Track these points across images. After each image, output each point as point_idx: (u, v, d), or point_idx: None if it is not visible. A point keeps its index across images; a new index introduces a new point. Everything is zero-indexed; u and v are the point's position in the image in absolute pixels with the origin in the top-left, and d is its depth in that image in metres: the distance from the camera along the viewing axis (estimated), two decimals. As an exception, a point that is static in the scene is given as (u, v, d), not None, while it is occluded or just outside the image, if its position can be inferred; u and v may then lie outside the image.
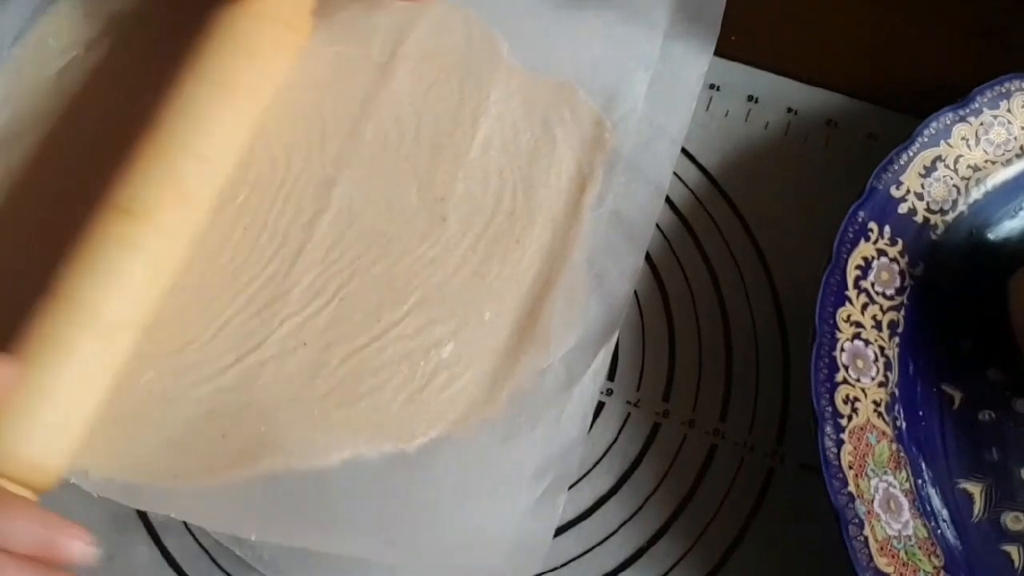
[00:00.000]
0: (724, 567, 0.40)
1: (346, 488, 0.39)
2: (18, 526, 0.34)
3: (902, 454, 0.39)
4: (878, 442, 0.39)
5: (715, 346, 0.43)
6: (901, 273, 0.42)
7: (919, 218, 0.43)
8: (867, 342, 0.41)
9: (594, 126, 0.46)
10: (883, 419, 0.40)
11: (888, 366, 0.41)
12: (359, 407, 0.41)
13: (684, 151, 0.47)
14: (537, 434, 0.41)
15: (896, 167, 0.43)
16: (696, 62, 0.48)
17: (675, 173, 0.46)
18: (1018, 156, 0.45)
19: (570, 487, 0.40)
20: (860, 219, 0.42)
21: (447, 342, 0.42)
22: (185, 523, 0.40)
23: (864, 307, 0.41)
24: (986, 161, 0.45)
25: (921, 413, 0.41)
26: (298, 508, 0.39)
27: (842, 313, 0.40)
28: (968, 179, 0.44)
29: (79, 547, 0.34)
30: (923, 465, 0.40)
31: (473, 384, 0.41)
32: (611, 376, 0.43)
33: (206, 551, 0.40)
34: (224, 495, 0.39)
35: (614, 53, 0.48)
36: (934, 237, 0.43)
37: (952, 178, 0.44)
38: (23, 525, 0.34)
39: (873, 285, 0.42)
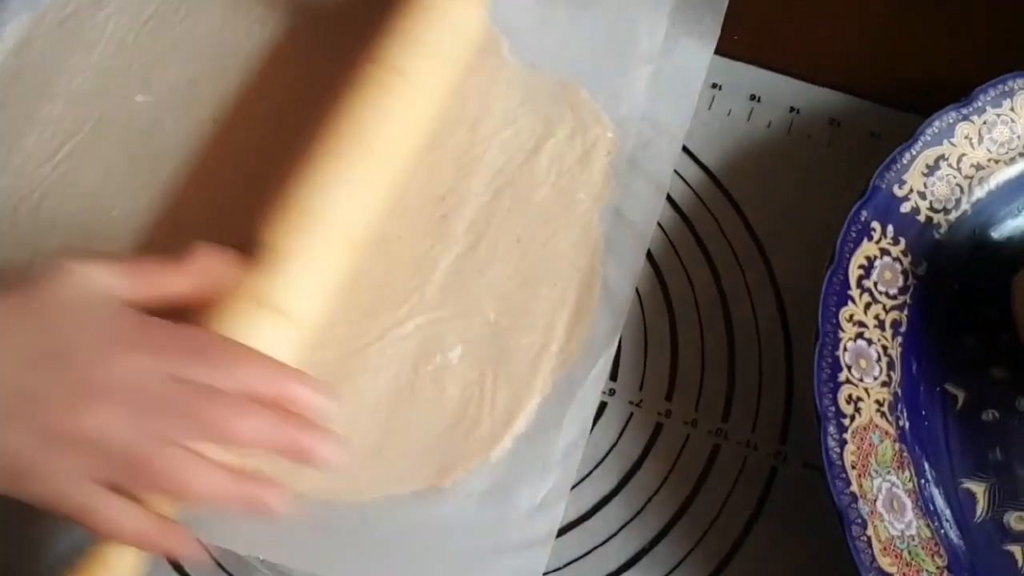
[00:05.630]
0: (727, 567, 0.40)
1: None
2: (254, 373, 0.33)
3: (905, 454, 0.39)
4: (881, 442, 0.39)
5: (717, 345, 0.43)
6: (904, 272, 0.42)
7: (922, 217, 0.43)
8: (870, 341, 0.40)
9: (595, 125, 0.46)
10: (886, 419, 0.39)
11: (891, 366, 0.41)
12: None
13: (686, 150, 0.47)
14: (538, 435, 0.40)
15: (899, 166, 0.43)
16: (698, 61, 0.48)
17: (677, 172, 0.46)
18: (1021, 155, 0.45)
19: (572, 488, 0.40)
20: (863, 218, 0.42)
21: (449, 342, 0.42)
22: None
23: (867, 306, 0.41)
24: (989, 160, 0.44)
25: (924, 413, 0.41)
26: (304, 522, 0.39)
27: (845, 312, 0.40)
28: (971, 178, 0.44)
29: (319, 399, 0.34)
30: (926, 465, 0.40)
31: (474, 384, 0.41)
32: (613, 376, 0.43)
33: (206, 551, 0.40)
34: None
35: (615, 52, 0.48)
36: (937, 236, 0.43)
37: (955, 177, 0.44)
38: (259, 372, 0.33)
39: (876, 284, 0.41)
